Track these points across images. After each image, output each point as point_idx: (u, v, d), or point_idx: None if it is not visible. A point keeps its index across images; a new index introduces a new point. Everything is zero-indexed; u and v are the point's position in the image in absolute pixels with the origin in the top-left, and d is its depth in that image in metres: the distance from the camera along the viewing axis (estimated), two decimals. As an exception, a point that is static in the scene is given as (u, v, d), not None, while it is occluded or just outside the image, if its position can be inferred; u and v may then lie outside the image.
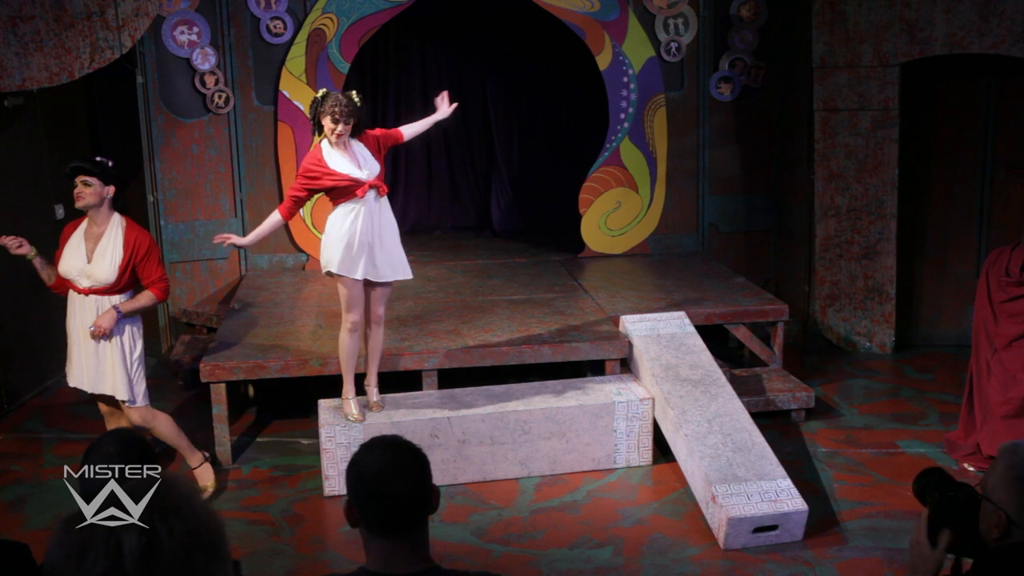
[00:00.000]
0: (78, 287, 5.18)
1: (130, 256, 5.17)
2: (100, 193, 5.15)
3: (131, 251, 5.17)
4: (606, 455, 5.92)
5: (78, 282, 5.17)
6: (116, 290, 5.20)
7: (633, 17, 8.28)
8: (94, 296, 5.18)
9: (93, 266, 5.14)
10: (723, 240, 8.72)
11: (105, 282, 5.15)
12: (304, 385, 6.59)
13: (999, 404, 5.74)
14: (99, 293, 5.17)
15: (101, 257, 5.14)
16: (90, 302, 5.18)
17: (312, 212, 8.23)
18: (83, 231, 5.21)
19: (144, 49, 7.62)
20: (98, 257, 5.14)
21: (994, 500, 2.38)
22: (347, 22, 8.02)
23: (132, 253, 5.17)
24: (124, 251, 5.16)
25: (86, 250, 5.16)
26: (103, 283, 5.16)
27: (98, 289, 5.16)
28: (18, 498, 5.63)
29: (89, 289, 5.16)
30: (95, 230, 5.19)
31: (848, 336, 7.96)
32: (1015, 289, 5.75)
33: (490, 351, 6.23)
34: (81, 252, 5.16)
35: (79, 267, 5.14)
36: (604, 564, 4.88)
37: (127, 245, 5.17)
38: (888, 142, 7.66)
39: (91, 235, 5.18)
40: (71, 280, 5.18)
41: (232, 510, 5.43)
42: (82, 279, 5.16)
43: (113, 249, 5.16)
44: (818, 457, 6.04)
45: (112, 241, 5.17)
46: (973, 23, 7.32)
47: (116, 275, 5.15)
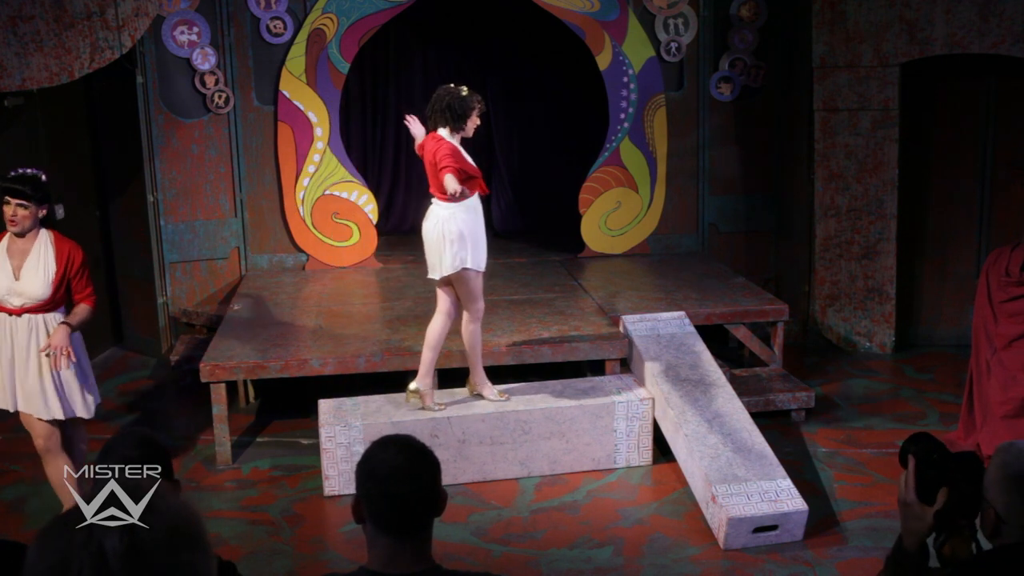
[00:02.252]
0: (8, 307, 4.87)
1: (65, 269, 4.89)
2: (36, 214, 4.86)
3: (65, 264, 4.89)
4: (606, 455, 5.92)
5: (7, 302, 4.86)
6: (50, 306, 4.91)
7: (633, 17, 8.28)
8: (27, 315, 4.87)
9: (23, 283, 4.84)
10: (723, 240, 8.72)
11: (39, 298, 4.86)
12: (304, 385, 6.60)
13: (999, 404, 5.74)
14: (32, 312, 4.87)
15: (33, 273, 4.85)
16: (22, 322, 4.87)
17: (312, 212, 8.24)
18: (5, 247, 4.89)
19: (144, 49, 7.62)
20: (28, 273, 4.85)
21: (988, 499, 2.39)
22: (347, 22, 8.02)
23: (67, 266, 4.90)
24: (57, 264, 4.88)
25: (11, 267, 4.85)
26: (37, 299, 4.86)
27: (31, 307, 4.87)
28: (18, 498, 5.64)
29: (22, 308, 4.86)
30: (19, 246, 4.88)
31: (848, 336, 7.96)
32: (1015, 289, 5.75)
33: (490, 351, 6.23)
34: (6, 269, 4.85)
35: (7, 286, 4.84)
36: (604, 564, 4.88)
37: (60, 258, 4.89)
38: (888, 142, 7.65)
39: (15, 251, 4.87)
40: (1, 302, 4.87)
41: (232, 510, 5.44)
42: (12, 298, 4.85)
43: (45, 264, 4.87)
44: (818, 457, 6.04)
45: (41, 255, 4.87)
46: (973, 23, 7.32)
47: (51, 290, 4.87)
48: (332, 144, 8.19)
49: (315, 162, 8.17)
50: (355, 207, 8.29)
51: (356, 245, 8.37)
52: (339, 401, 5.94)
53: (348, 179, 8.26)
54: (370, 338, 6.49)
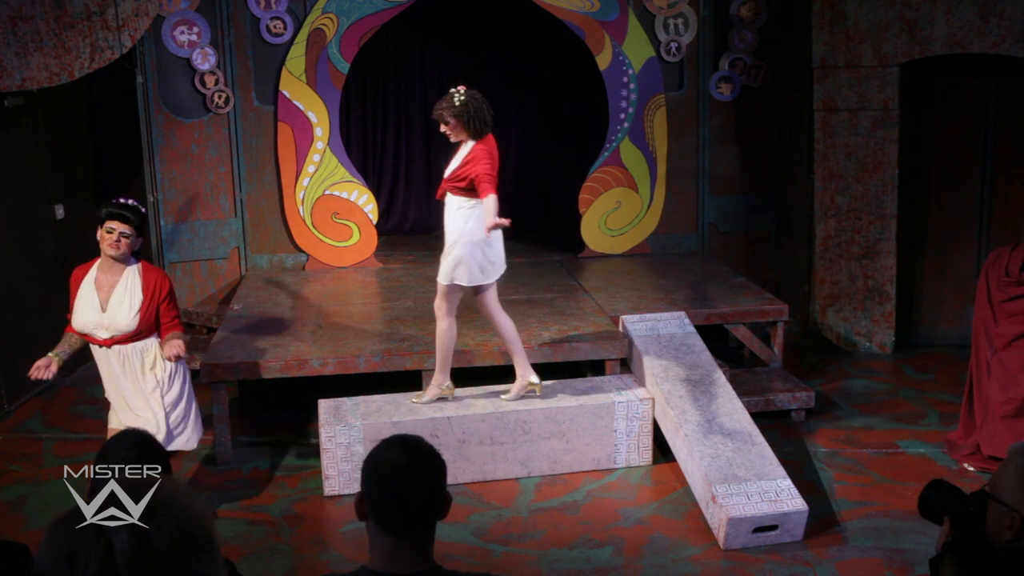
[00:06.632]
0: (97, 339, 4.94)
1: (151, 299, 4.93)
2: (135, 244, 4.92)
3: (152, 294, 4.93)
4: (606, 455, 5.92)
5: (96, 334, 4.92)
6: (137, 336, 4.96)
7: (633, 17, 8.28)
8: (117, 347, 4.94)
9: (109, 316, 4.89)
10: (723, 240, 8.72)
11: (125, 330, 4.91)
12: (304, 385, 6.60)
13: (999, 404, 5.74)
14: (121, 342, 4.94)
15: (118, 306, 4.89)
16: (113, 353, 4.95)
17: (312, 212, 8.24)
18: (92, 280, 4.93)
19: (144, 49, 7.62)
20: (114, 306, 4.89)
21: (1007, 502, 2.36)
22: (347, 22, 8.02)
23: (153, 295, 4.94)
24: (144, 295, 4.92)
25: (99, 300, 4.90)
26: (122, 331, 4.91)
27: (120, 339, 4.93)
28: (18, 498, 5.63)
29: (111, 340, 4.93)
30: (107, 278, 4.93)
31: (848, 336, 7.96)
32: (1015, 289, 5.75)
33: (490, 351, 6.22)
34: (95, 303, 4.89)
35: (95, 320, 4.89)
36: (604, 564, 4.88)
37: (147, 289, 4.93)
38: (888, 142, 7.65)
39: (102, 283, 4.92)
40: (88, 334, 4.93)
41: (232, 510, 5.44)
42: (99, 331, 4.91)
43: (131, 295, 4.91)
44: (818, 457, 6.04)
45: (128, 287, 4.92)
46: (973, 23, 7.32)
47: (137, 322, 4.91)
48: (332, 144, 8.19)
49: (315, 162, 8.18)
50: (355, 207, 8.29)
51: (356, 245, 8.37)
52: (339, 401, 5.94)
53: (348, 179, 8.26)
54: (370, 338, 6.49)
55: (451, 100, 5.37)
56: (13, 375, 6.90)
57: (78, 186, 7.84)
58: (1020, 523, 2.34)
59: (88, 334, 4.94)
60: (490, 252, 5.56)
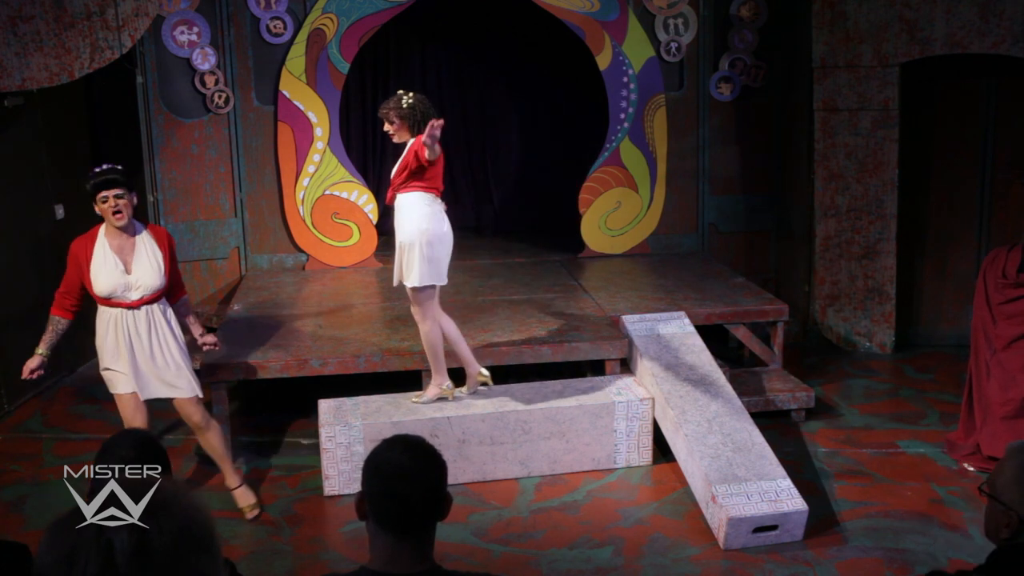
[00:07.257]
0: (126, 302, 5.01)
1: (170, 255, 5.13)
2: (132, 202, 4.99)
3: (169, 250, 5.13)
4: (606, 455, 5.92)
5: (126, 297, 5.00)
6: (162, 293, 5.12)
7: (633, 17, 8.28)
8: (145, 307, 5.05)
9: (137, 276, 4.99)
10: (723, 240, 8.72)
11: (156, 288, 5.05)
12: (304, 385, 6.59)
13: (999, 405, 5.74)
14: (149, 302, 5.06)
15: (146, 265, 5.01)
16: (141, 315, 5.04)
17: (312, 212, 8.24)
18: (106, 247, 4.99)
19: (144, 49, 7.62)
20: (140, 266, 5.00)
21: (1004, 501, 2.38)
22: (347, 22, 8.02)
23: (170, 251, 5.14)
24: (162, 251, 5.08)
25: (122, 264, 4.99)
26: (153, 289, 5.04)
27: (149, 298, 5.05)
28: (18, 498, 5.63)
29: (140, 300, 5.02)
30: (119, 242, 5.00)
31: (848, 336, 7.96)
32: (1012, 291, 5.75)
33: (490, 351, 6.23)
34: (118, 267, 4.98)
35: (124, 282, 4.97)
36: (604, 564, 4.88)
37: (162, 245, 5.09)
38: (888, 142, 7.66)
39: (118, 247, 5.00)
40: (115, 299, 5.00)
41: (232, 510, 5.43)
42: (130, 292, 5.00)
43: (153, 253, 5.04)
44: (818, 457, 6.04)
45: (147, 248, 5.04)
46: (973, 23, 7.32)
47: (166, 278, 5.08)
48: (332, 144, 8.19)
49: (315, 162, 8.18)
50: (355, 207, 8.29)
51: (356, 245, 8.37)
52: (339, 401, 5.94)
53: (348, 179, 8.26)
54: (370, 338, 6.49)
55: (399, 101, 5.42)
56: (13, 375, 6.91)
57: (78, 186, 7.81)
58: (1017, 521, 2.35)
59: (117, 299, 5.01)
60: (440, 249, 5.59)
